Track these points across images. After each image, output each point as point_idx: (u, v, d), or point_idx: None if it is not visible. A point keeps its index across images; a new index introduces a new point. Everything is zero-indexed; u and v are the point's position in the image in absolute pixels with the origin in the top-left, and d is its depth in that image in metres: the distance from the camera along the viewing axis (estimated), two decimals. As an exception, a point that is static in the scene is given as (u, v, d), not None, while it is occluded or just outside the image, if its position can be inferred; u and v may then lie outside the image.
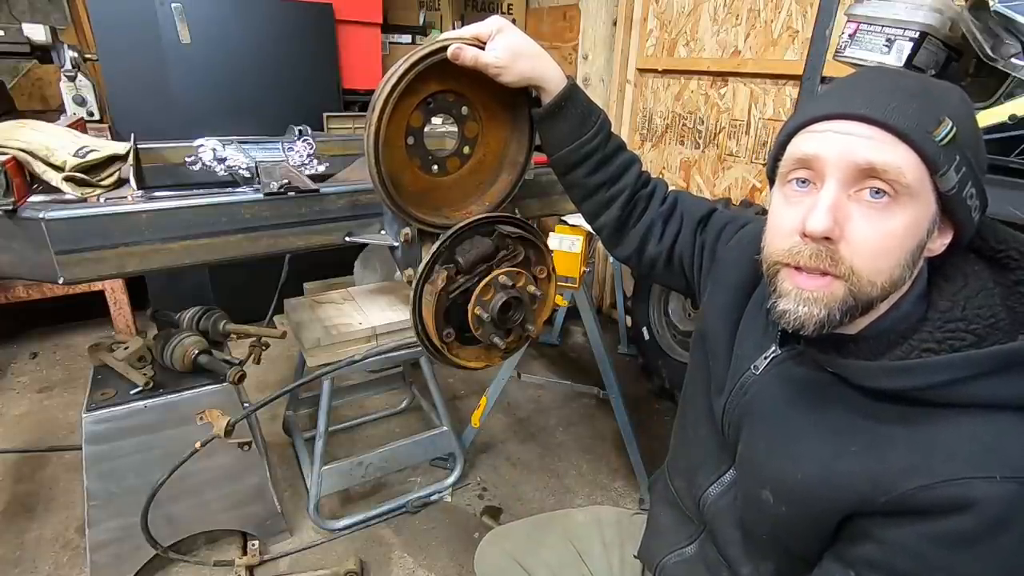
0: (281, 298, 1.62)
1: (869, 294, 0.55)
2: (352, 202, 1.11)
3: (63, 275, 0.91)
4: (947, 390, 0.52)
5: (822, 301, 0.55)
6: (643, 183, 0.89)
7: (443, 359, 0.95)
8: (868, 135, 0.53)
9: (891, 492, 0.52)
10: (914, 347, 0.55)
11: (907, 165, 0.52)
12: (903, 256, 0.54)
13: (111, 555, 1.36)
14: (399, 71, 0.77)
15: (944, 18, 1.06)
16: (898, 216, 0.53)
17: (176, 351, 1.32)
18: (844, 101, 0.55)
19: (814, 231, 0.54)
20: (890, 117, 0.52)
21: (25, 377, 2.35)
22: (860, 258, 0.54)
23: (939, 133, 0.51)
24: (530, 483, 1.91)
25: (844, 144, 0.54)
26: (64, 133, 1.08)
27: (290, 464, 1.90)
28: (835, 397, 0.60)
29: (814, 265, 0.55)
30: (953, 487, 0.49)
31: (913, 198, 0.53)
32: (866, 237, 0.54)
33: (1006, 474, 0.48)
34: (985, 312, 0.54)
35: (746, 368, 0.70)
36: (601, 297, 3.07)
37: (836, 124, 0.55)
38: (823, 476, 0.57)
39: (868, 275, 0.54)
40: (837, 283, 0.55)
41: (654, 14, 2.42)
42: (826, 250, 0.55)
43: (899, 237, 0.54)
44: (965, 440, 0.51)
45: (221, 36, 2.31)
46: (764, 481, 0.64)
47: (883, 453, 0.54)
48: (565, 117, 0.82)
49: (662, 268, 0.90)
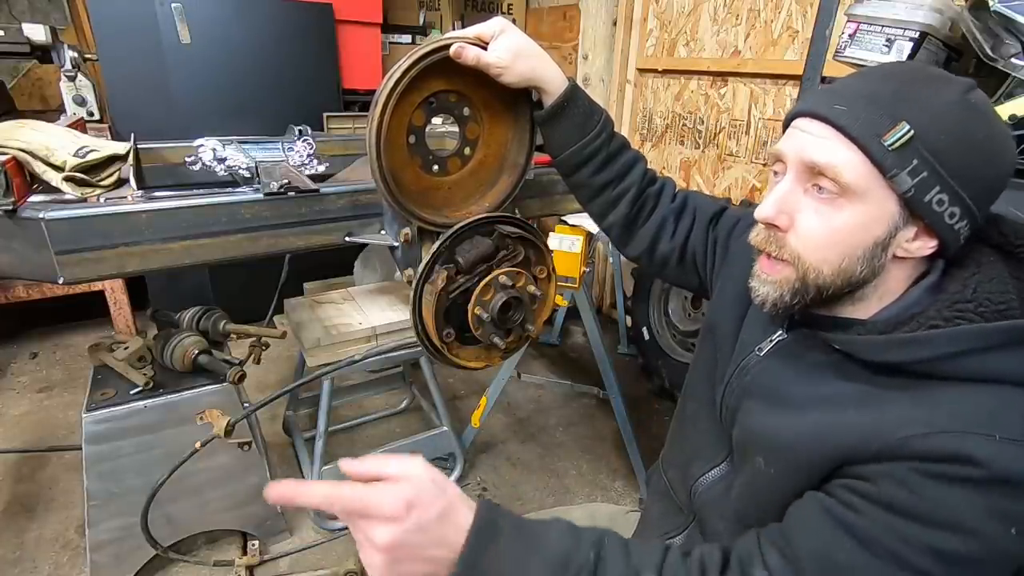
0: (281, 298, 1.62)
1: (816, 280, 0.59)
2: (352, 202, 1.10)
3: (63, 275, 0.91)
4: (953, 362, 0.52)
5: (776, 283, 0.62)
6: (650, 180, 0.90)
7: (443, 359, 0.95)
8: (821, 134, 0.57)
9: (886, 440, 0.51)
10: (921, 324, 0.56)
11: (849, 165, 0.55)
12: (852, 250, 0.57)
13: (111, 555, 1.36)
14: (402, 67, 0.77)
15: (944, 18, 1.06)
16: (844, 212, 0.56)
17: (176, 351, 1.32)
18: (813, 100, 0.59)
19: (757, 216, 0.61)
20: (840, 118, 0.55)
21: (25, 377, 2.35)
22: (804, 247, 0.59)
23: (889, 137, 0.53)
24: (530, 483, 1.91)
25: (799, 142, 0.59)
26: (64, 133, 1.08)
27: (290, 464, 1.90)
28: (840, 375, 0.60)
29: (765, 248, 0.62)
30: (950, 439, 0.49)
31: (860, 196, 0.55)
32: (810, 228, 0.58)
33: (1005, 435, 0.48)
34: (996, 298, 0.54)
35: (749, 351, 0.71)
36: (601, 297, 3.07)
37: (802, 122, 0.59)
38: (815, 432, 0.57)
39: (813, 263, 0.59)
40: (787, 268, 0.61)
41: (654, 14, 2.42)
42: (774, 236, 0.61)
43: (844, 232, 0.57)
44: (964, 402, 0.51)
45: (221, 36, 2.31)
46: (758, 448, 0.64)
47: (881, 410, 0.54)
48: (568, 118, 0.83)
49: (675, 266, 0.90)
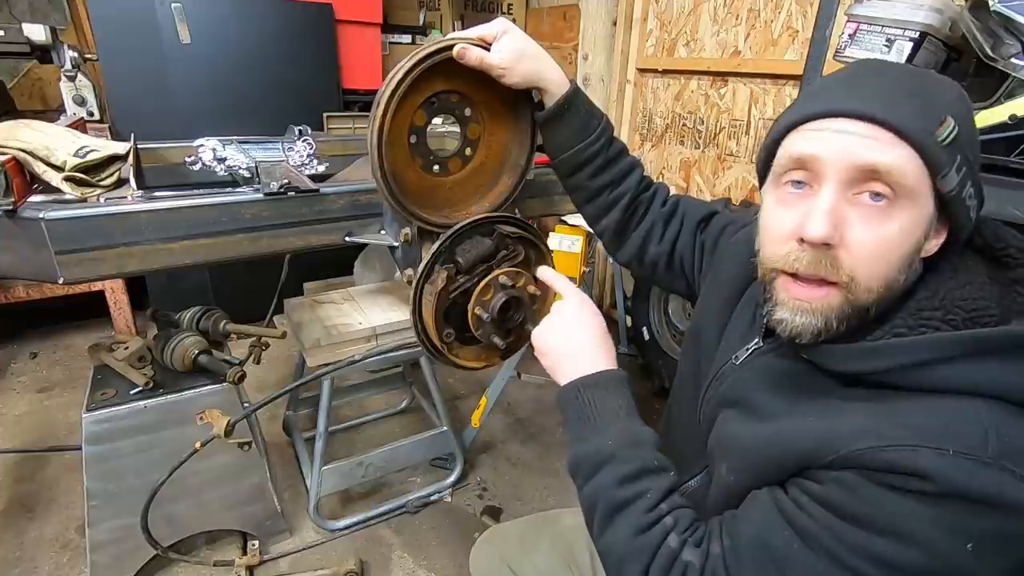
0: (281, 298, 1.62)
1: (865, 301, 0.54)
2: (352, 202, 1.11)
3: (63, 275, 0.91)
4: (915, 372, 0.50)
5: (819, 311, 0.54)
6: (644, 187, 0.90)
7: (443, 359, 0.95)
8: (868, 134, 0.51)
9: (839, 451, 0.50)
10: (886, 331, 0.54)
11: (909, 166, 0.50)
12: (899, 260, 0.53)
13: (111, 555, 1.36)
14: (405, 67, 0.77)
15: (944, 18, 1.06)
16: (896, 219, 0.51)
17: (176, 351, 1.32)
18: (842, 98, 0.53)
19: (813, 237, 0.52)
20: (892, 115, 0.50)
21: (25, 377, 2.35)
22: (860, 262, 0.52)
23: (942, 132, 0.49)
24: (530, 483, 1.91)
25: (844, 144, 0.52)
26: (64, 133, 1.08)
27: (290, 464, 1.90)
28: (809, 385, 0.58)
29: (812, 273, 0.54)
30: (901, 452, 0.47)
31: (912, 200, 0.51)
32: (865, 242, 0.52)
33: (959, 449, 0.46)
34: (967, 305, 0.52)
35: (727, 359, 0.70)
36: (601, 297, 3.07)
37: (834, 123, 0.53)
38: (773, 437, 0.56)
39: (866, 281, 0.53)
40: (835, 292, 0.54)
41: (654, 14, 2.42)
42: (825, 256, 0.53)
43: (897, 241, 0.52)
44: (922, 415, 0.49)
45: (221, 36, 2.31)
46: (723, 456, 0.63)
47: (840, 418, 0.53)
48: (569, 120, 0.83)
49: (663, 270, 0.90)
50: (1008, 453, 0.45)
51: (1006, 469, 0.45)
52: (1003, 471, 0.45)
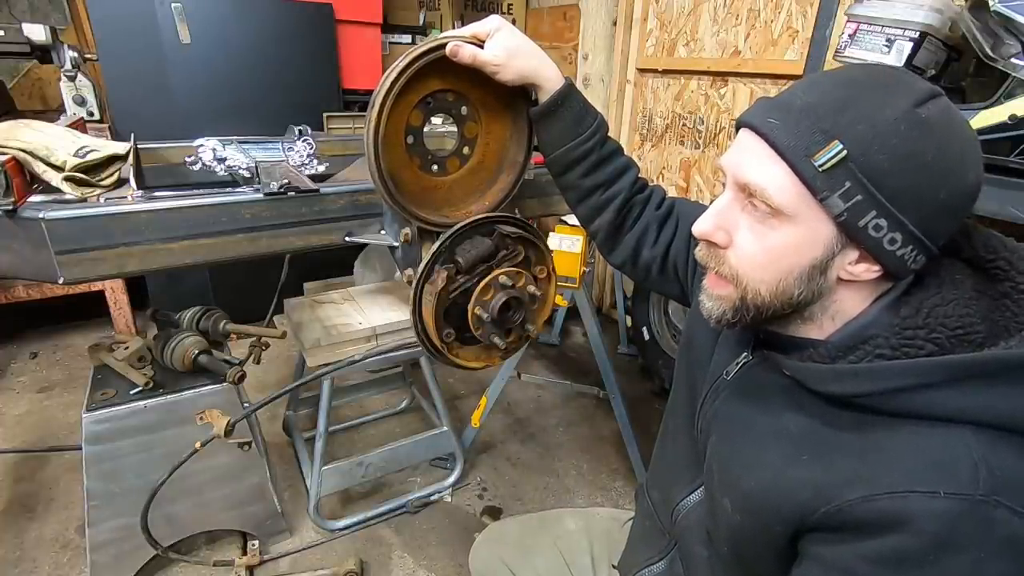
0: (281, 298, 1.62)
1: (755, 300, 0.57)
2: (352, 202, 1.11)
3: (63, 275, 0.91)
4: (897, 398, 0.49)
5: (719, 299, 0.60)
6: (639, 189, 0.88)
7: (443, 359, 0.95)
8: (755, 151, 0.53)
9: (831, 502, 0.50)
10: (868, 352, 0.53)
11: (779, 187, 0.51)
12: (788, 271, 0.54)
13: (111, 555, 1.36)
14: (399, 67, 0.77)
15: (944, 18, 1.06)
16: (778, 232, 0.53)
17: (176, 351, 1.32)
18: (754, 109, 0.56)
19: (694, 232, 0.60)
20: (772, 133, 0.52)
21: (25, 377, 2.35)
22: (742, 265, 0.57)
23: (819, 157, 0.49)
24: (530, 483, 1.91)
25: (735, 158, 0.56)
26: (64, 133, 1.08)
27: (290, 464, 1.90)
28: (796, 403, 0.58)
29: (710, 267, 0.60)
30: (893, 500, 0.46)
31: (791, 219, 0.52)
32: (746, 247, 0.56)
33: (950, 490, 0.45)
34: (952, 322, 0.51)
35: (720, 374, 0.70)
36: (601, 297, 3.07)
37: (743, 133, 0.56)
38: (773, 484, 0.56)
39: (752, 284, 0.56)
40: (730, 288, 0.59)
41: (654, 14, 2.42)
42: (714, 253, 0.59)
43: (779, 253, 0.54)
44: (910, 452, 0.48)
45: (221, 36, 2.31)
46: (724, 489, 0.63)
47: (831, 461, 0.52)
48: (561, 116, 0.82)
49: (656, 274, 0.88)
50: (1000, 488, 0.45)
51: (1001, 505, 0.45)
52: (998, 507, 0.45)
